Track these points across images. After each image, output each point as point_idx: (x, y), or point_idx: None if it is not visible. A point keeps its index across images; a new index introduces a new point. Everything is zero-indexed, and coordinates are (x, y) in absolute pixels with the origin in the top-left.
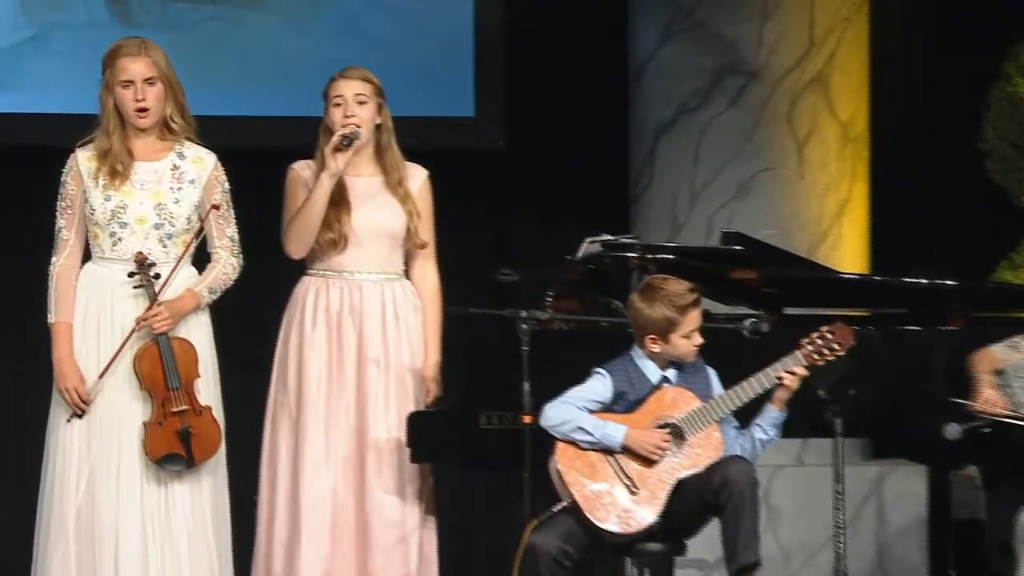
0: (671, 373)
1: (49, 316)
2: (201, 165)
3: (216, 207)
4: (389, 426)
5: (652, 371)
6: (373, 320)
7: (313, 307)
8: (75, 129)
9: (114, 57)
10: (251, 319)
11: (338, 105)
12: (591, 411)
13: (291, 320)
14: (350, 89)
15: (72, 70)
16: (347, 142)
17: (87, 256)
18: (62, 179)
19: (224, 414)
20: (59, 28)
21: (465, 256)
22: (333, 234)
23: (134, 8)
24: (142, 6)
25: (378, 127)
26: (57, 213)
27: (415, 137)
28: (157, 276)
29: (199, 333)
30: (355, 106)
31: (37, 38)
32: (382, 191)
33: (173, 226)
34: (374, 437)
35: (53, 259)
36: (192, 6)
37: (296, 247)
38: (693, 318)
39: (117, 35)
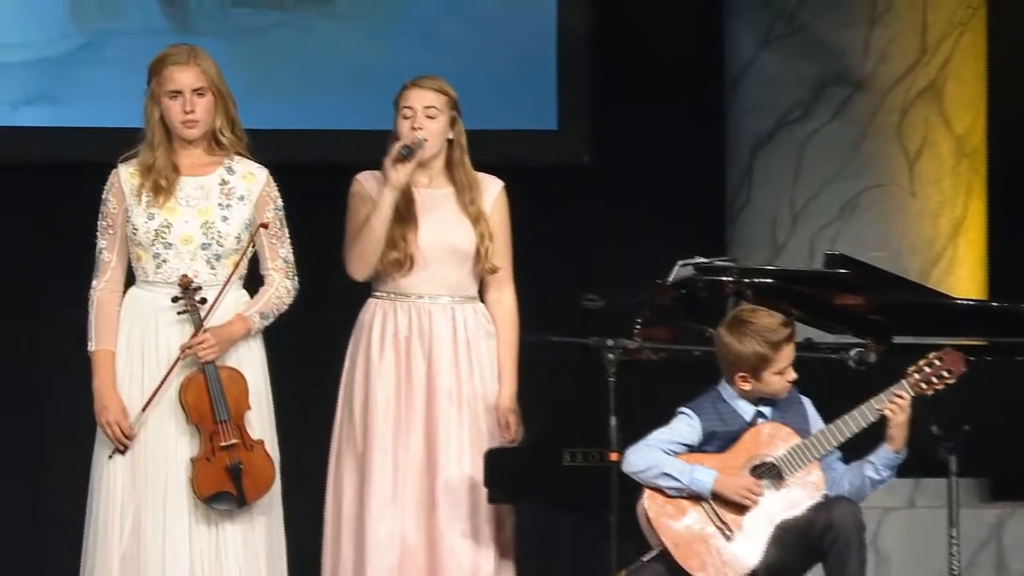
0: (765, 407)
1: (89, 344)
2: (252, 180)
3: (265, 225)
4: (463, 463)
5: (744, 407)
6: (443, 347)
7: (380, 333)
8: (130, 145)
9: (161, 66)
10: (315, 345)
11: (406, 117)
12: (677, 454)
13: (357, 347)
14: (420, 100)
15: (126, 81)
16: (407, 152)
17: (130, 280)
18: (103, 197)
19: (283, 449)
20: (112, 36)
21: (546, 279)
22: (398, 253)
23: (192, 14)
24: (201, 11)
25: (450, 142)
26: (98, 233)
27: (492, 152)
28: (203, 300)
29: (250, 361)
30: (424, 119)
31: (89, 47)
32: (452, 208)
33: (221, 246)
34: (447, 476)
35: (93, 283)
36: (256, 11)
37: (359, 267)
38: (787, 354)
39: (174, 43)
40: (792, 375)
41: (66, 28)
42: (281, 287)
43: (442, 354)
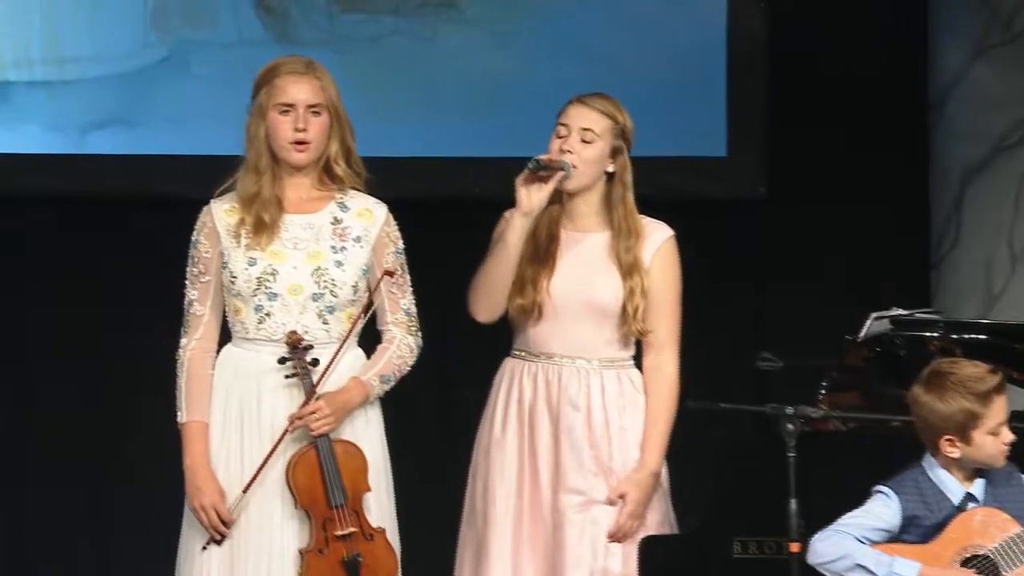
0: (977, 487)
1: (179, 414)
2: (369, 219)
3: (390, 273)
4: (599, 560)
5: (952, 486)
6: (575, 421)
7: (505, 399)
8: (222, 175)
9: (272, 75)
10: (442, 414)
11: (559, 135)
12: (873, 542)
13: (485, 416)
14: (579, 119)
15: (215, 100)
16: (534, 166)
17: (226, 337)
18: (193, 239)
19: (405, 538)
20: (199, 47)
21: (713, 334)
22: (524, 299)
23: (295, 21)
24: (305, 18)
25: (610, 176)
26: (187, 282)
27: (649, 182)
28: (315, 362)
29: (368, 434)
30: (578, 141)
31: (171, 60)
32: (601, 255)
33: (335, 296)
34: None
35: (183, 341)
36: (369, 18)
37: (481, 306)
38: (999, 408)
39: (272, 56)
40: (1008, 436)
41: (145, 38)
42: (403, 345)
43: (572, 428)
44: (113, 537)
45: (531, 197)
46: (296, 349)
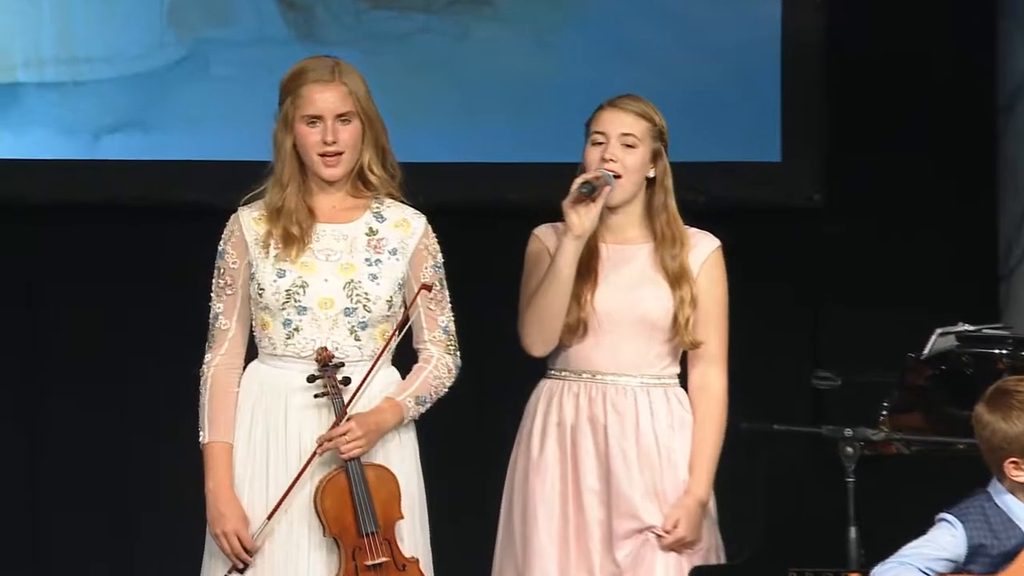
0: None
1: (201, 435)
2: (406, 230)
3: (427, 287)
4: None
5: (1021, 513)
6: (623, 442)
7: (543, 421)
8: (241, 182)
9: (297, 83)
10: (478, 438)
11: (598, 143)
12: (938, 574)
13: (519, 439)
14: (617, 125)
15: (236, 103)
16: (588, 189)
17: (252, 352)
18: (220, 248)
19: (439, 567)
20: (219, 46)
21: (765, 351)
22: (569, 317)
23: (320, 18)
24: (331, 15)
25: (651, 181)
26: (213, 295)
27: (697, 189)
28: (347, 381)
29: (402, 458)
30: (619, 148)
31: (189, 60)
32: (646, 265)
33: (369, 312)
34: None
35: (207, 356)
36: (399, 15)
37: (536, 339)
38: None
39: (296, 56)
40: None
41: (161, 37)
42: (440, 364)
43: (624, 451)
44: (133, 564)
45: (582, 219)
46: (326, 366)
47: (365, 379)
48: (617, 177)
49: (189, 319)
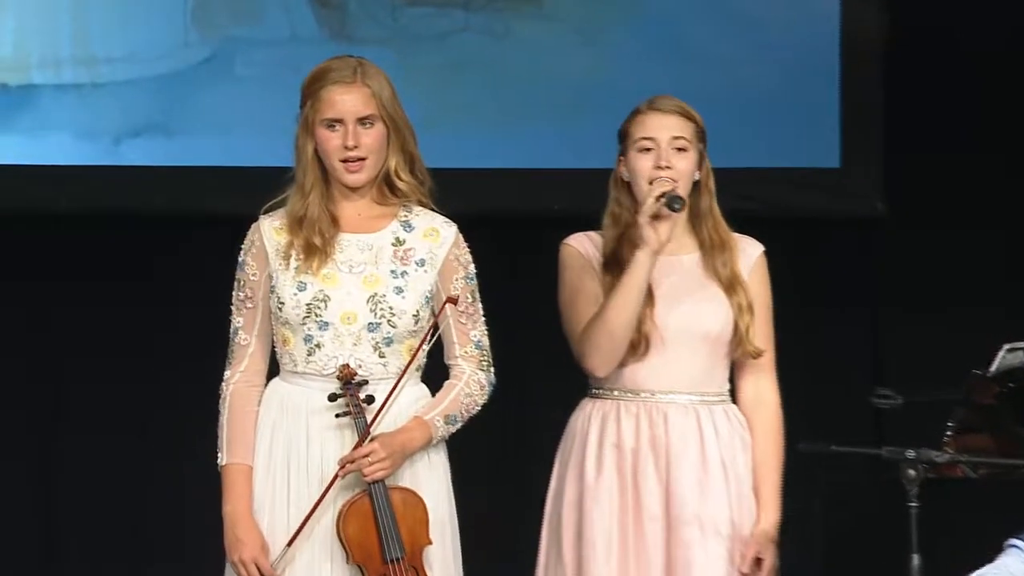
0: None
1: (219, 456)
2: (435, 240)
3: (453, 300)
4: None
5: None
6: (686, 463)
7: (598, 444)
8: (267, 189)
9: (317, 85)
10: (514, 458)
11: (647, 150)
12: None
13: (566, 463)
14: (666, 128)
15: (263, 105)
16: (679, 205)
17: (273, 369)
18: (240, 259)
19: None
20: (246, 46)
21: (823, 368)
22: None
23: (353, 15)
24: (365, 13)
25: (696, 185)
26: (232, 308)
27: (749, 197)
28: (370, 399)
29: (431, 481)
30: (672, 154)
31: (214, 60)
32: (697, 275)
33: (394, 327)
34: None
35: (226, 373)
36: (437, 12)
37: (604, 359)
38: None
39: (328, 56)
40: None
41: (185, 36)
42: (472, 381)
43: (686, 471)
44: None
45: (659, 233)
46: (349, 385)
47: (389, 397)
48: (678, 190)
49: (211, 332)
